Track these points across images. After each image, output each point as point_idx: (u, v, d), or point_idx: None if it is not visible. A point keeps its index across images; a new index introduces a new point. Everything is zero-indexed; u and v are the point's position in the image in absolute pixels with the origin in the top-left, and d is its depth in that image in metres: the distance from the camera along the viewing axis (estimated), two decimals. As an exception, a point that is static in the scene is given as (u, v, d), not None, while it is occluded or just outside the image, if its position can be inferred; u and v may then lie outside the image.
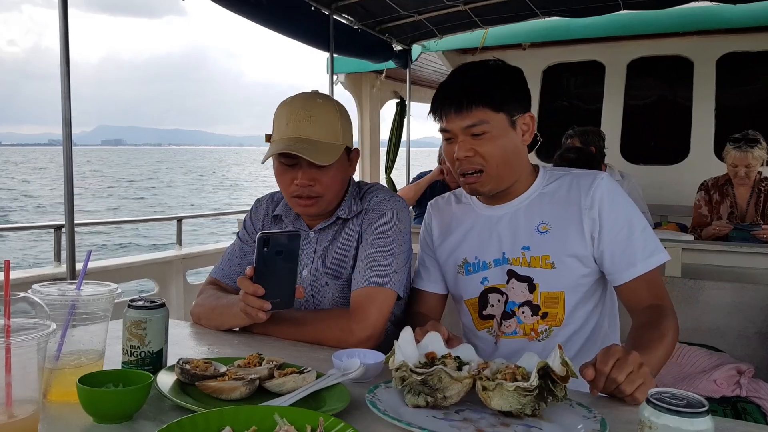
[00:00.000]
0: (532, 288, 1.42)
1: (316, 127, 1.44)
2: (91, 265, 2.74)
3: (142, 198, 32.88)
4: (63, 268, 3.26)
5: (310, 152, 1.41)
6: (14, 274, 3.93)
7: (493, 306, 1.48)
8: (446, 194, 1.64)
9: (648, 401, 0.77)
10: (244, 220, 1.71)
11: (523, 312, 1.43)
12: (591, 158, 3.11)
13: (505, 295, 1.45)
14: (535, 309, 1.42)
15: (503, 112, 1.37)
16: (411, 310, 1.61)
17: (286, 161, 1.47)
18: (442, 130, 1.43)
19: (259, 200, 1.73)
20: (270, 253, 1.25)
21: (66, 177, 2.57)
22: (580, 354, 1.41)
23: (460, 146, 1.38)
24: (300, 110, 1.45)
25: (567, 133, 3.80)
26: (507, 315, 1.45)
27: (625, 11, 4.10)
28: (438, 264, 1.59)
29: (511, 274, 1.44)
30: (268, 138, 1.53)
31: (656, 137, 5.14)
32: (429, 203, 1.65)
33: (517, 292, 1.43)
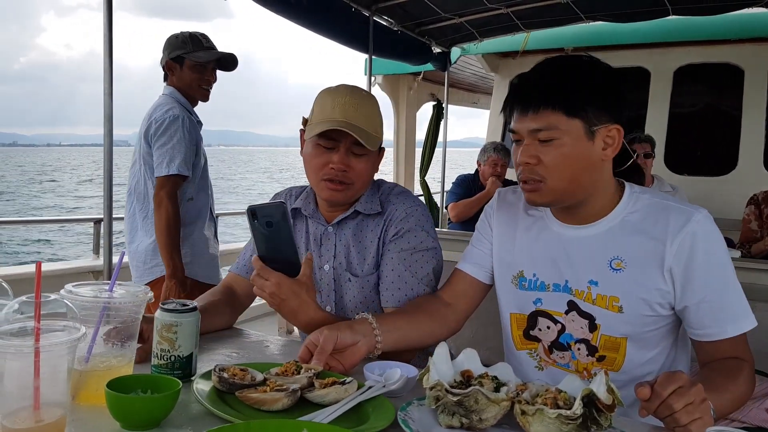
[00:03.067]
0: (593, 327, 1.29)
1: (362, 116, 1.46)
2: (127, 260, 2.77)
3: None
4: (101, 260, 3.33)
5: (360, 134, 1.43)
6: (54, 266, 4.03)
7: (541, 330, 1.36)
8: (518, 188, 1.44)
9: (706, 441, 0.71)
10: None
11: (578, 349, 1.31)
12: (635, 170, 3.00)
13: (560, 325, 1.33)
14: (592, 350, 1.30)
15: (579, 118, 1.19)
16: (439, 289, 1.50)
17: (325, 144, 1.47)
18: (510, 130, 1.28)
19: (277, 194, 1.73)
20: (261, 224, 1.26)
21: (106, 172, 2.61)
22: (636, 405, 1.25)
23: (524, 151, 1.24)
24: (348, 97, 1.47)
25: (634, 136, 3.70)
26: (561, 346, 1.33)
27: (673, 17, 3.97)
28: (491, 253, 1.46)
29: (573, 306, 1.30)
30: (305, 121, 1.54)
31: (702, 147, 4.97)
32: (498, 191, 1.52)
33: (577, 327, 1.30)
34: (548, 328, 1.34)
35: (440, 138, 6.57)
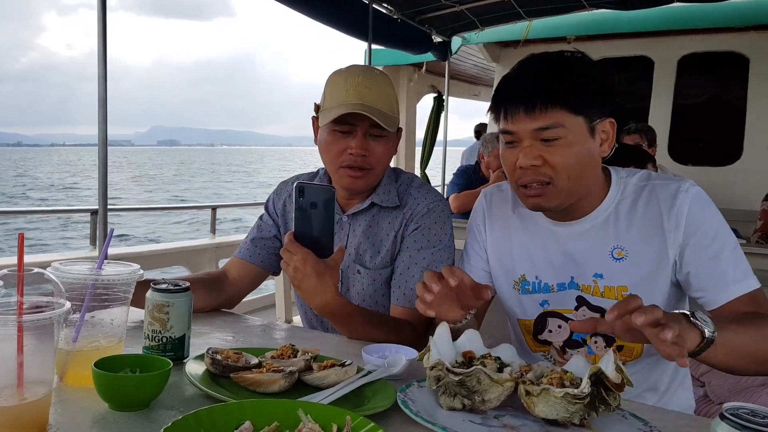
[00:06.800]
0: None
1: (377, 96, 1.40)
2: (124, 250, 2.76)
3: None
4: (98, 251, 3.30)
5: (378, 115, 1.37)
6: (47, 257, 3.99)
7: (551, 332, 1.32)
8: (505, 186, 1.41)
9: (723, 417, 0.67)
10: (266, 202, 1.66)
11: (595, 342, 1.28)
12: (643, 156, 2.95)
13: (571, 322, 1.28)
14: (609, 341, 1.26)
15: (583, 115, 1.15)
16: None
17: (342, 129, 1.41)
18: (504, 132, 1.21)
19: (284, 182, 1.68)
20: (306, 202, 1.24)
21: (100, 164, 2.66)
22: (648, 390, 1.27)
23: (526, 152, 1.16)
24: (361, 77, 1.40)
25: (625, 128, 3.65)
26: (575, 343, 1.30)
27: (677, 4, 3.92)
28: (486, 259, 1.41)
29: (582, 302, 1.27)
30: (317, 108, 1.48)
31: (707, 137, 4.93)
32: (484, 192, 1.46)
33: None
34: (559, 327, 1.31)
35: (441, 131, 6.53)
